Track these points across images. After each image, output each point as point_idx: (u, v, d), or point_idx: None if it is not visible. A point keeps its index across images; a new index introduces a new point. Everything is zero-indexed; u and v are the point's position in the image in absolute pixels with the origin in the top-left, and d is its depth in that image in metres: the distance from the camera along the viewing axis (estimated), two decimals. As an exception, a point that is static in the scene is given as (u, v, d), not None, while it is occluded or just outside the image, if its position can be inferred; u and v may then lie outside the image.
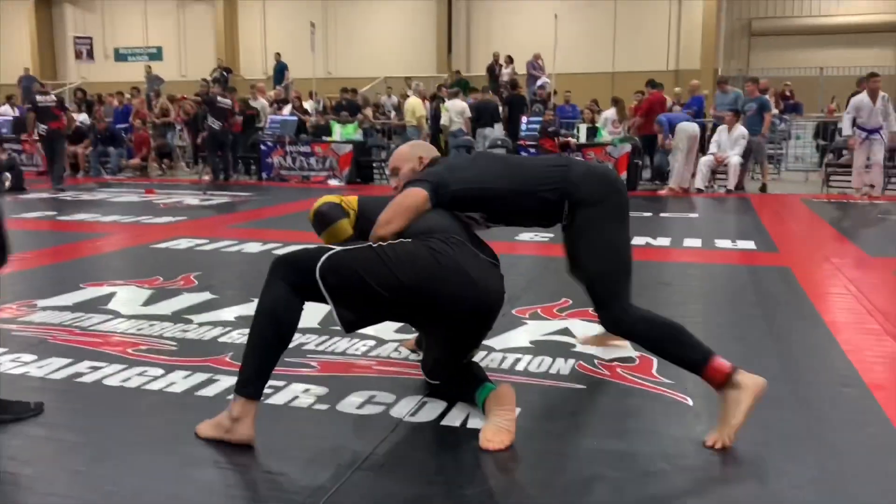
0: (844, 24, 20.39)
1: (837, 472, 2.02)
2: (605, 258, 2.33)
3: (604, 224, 2.34)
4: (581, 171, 2.40)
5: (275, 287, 2.13)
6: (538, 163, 2.59)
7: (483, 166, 2.48)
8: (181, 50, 24.01)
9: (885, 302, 3.94)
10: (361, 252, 2.17)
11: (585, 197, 2.34)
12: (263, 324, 2.13)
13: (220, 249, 5.56)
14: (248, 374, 2.13)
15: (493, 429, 2.17)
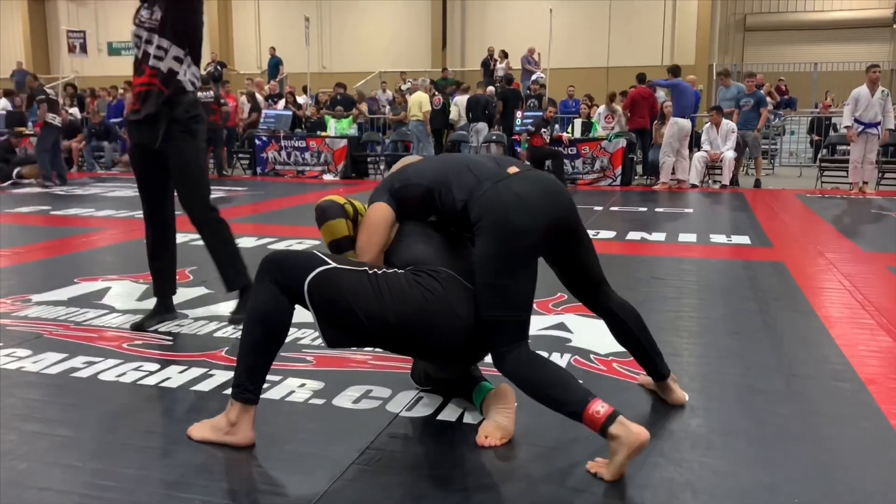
0: (839, 19, 20.43)
1: (831, 466, 2.03)
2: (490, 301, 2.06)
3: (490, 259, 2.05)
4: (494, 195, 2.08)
5: (264, 288, 2.07)
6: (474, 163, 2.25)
7: (424, 164, 2.36)
8: (183, 45, 23.86)
9: (879, 296, 3.96)
10: (354, 276, 2.05)
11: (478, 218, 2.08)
12: (254, 325, 2.07)
13: (215, 244, 5.54)
14: (242, 377, 2.09)
15: (493, 425, 2.16)
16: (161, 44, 3.06)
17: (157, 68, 3.07)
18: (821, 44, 20.03)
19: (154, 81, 3.08)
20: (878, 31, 20.25)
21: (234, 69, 21.98)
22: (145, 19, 3.10)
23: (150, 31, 3.07)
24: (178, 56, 3.10)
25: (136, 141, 3.22)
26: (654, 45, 20.68)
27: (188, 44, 3.11)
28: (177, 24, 3.06)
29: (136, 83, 3.15)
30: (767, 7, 21.22)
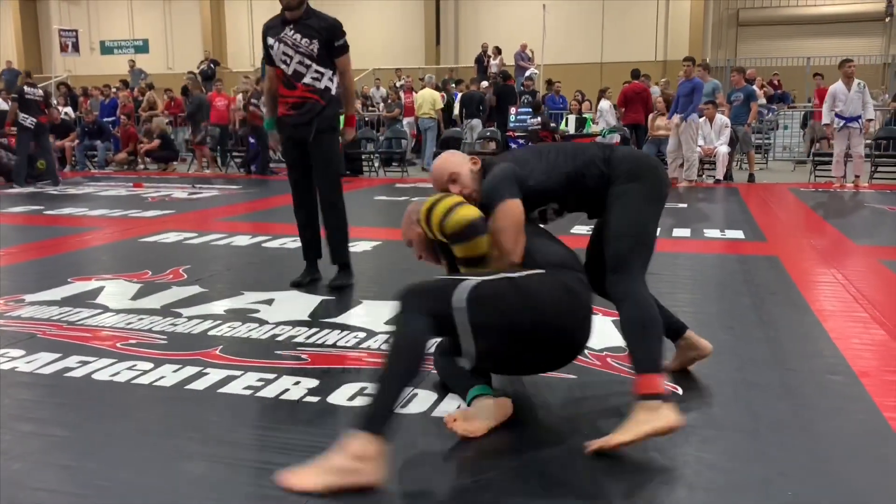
0: (831, 13, 20.46)
1: (825, 459, 2.04)
2: (632, 226, 2.31)
3: (640, 198, 2.34)
4: (622, 153, 2.44)
5: (413, 318, 1.98)
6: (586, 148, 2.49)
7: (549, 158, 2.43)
8: (168, 42, 23.85)
9: (872, 290, 3.97)
10: (502, 286, 2.08)
11: (624, 173, 2.35)
12: (402, 355, 1.96)
13: (210, 243, 5.54)
14: (379, 410, 1.92)
15: (472, 415, 2.16)
16: (318, 69, 3.87)
17: (314, 86, 3.88)
18: (814, 38, 20.05)
19: (310, 95, 3.88)
20: (871, 24, 20.29)
21: (227, 67, 21.93)
22: (299, 44, 3.83)
23: (306, 57, 3.85)
24: (330, 76, 3.93)
25: (290, 135, 3.98)
26: (647, 41, 20.68)
27: (333, 66, 3.93)
28: (330, 56, 3.90)
29: (289, 94, 3.92)
30: (760, 2, 21.23)
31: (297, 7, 3.82)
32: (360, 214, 7.61)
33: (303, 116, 3.90)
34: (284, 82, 3.91)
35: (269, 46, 3.90)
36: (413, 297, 2.02)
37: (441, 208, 2.25)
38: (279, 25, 3.89)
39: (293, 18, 3.85)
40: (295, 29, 3.83)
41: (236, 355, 2.89)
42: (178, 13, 23.82)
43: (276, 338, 3.12)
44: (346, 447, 1.88)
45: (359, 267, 4.72)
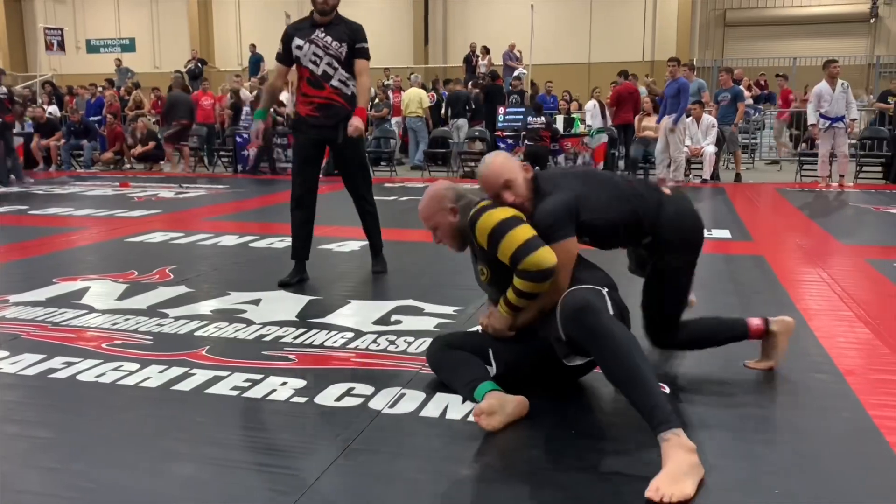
0: (817, 14, 20.59)
1: (811, 457, 2.05)
2: (680, 302, 2.64)
3: (685, 272, 2.62)
4: (673, 212, 2.55)
5: (611, 320, 2.13)
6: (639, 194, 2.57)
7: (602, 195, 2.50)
8: (155, 41, 23.72)
9: (857, 289, 4.00)
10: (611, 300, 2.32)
11: (672, 241, 2.54)
12: (635, 351, 2.05)
13: (196, 243, 5.51)
14: (662, 403, 1.97)
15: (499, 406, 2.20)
16: (346, 74, 4.07)
17: (341, 90, 4.07)
18: (800, 39, 20.18)
19: (337, 98, 4.06)
20: (856, 25, 20.44)
21: (215, 67, 21.82)
22: (330, 46, 4.02)
23: (335, 59, 4.03)
24: (353, 83, 4.11)
25: (313, 135, 4.13)
26: (635, 41, 20.76)
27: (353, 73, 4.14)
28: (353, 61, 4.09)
29: (315, 94, 4.06)
30: (747, 2, 21.35)
31: (330, 12, 4.05)
32: (348, 214, 7.59)
33: (329, 119, 4.07)
34: (311, 82, 4.07)
35: (296, 47, 4.06)
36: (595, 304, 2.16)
37: (517, 238, 2.28)
38: (308, 28, 4.09)
39: (324, 22, 4.07)
40: (326, 31, 4.04)
41: (223, 356, 2.87)
42: (165, 12, 23.69)
43: (263, 338, 3.11)
44: (683, 444, 1.90)
45: (346, 266, 4.72)
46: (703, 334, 2.71)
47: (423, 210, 2.55)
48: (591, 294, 2.23)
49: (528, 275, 2.28)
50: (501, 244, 2.29)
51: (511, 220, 2.33)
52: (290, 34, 4.12)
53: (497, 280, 2.44)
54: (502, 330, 2.45)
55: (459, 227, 2.49)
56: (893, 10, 20.23)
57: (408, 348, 2.97)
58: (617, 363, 2.04)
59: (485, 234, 2.33)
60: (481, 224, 2.33)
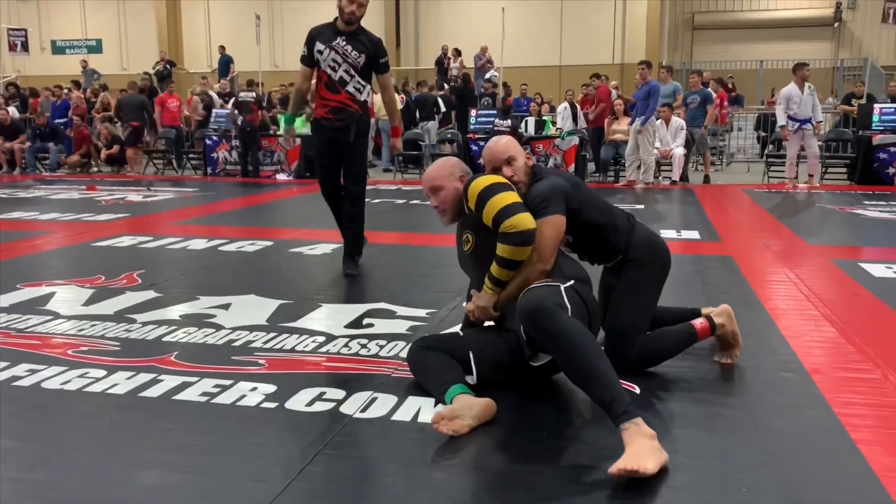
0: (783, 18, 20.96)
1: (779, 455, 2.08)
2: (640, 318, 2.69)
3: (648, 285, 2.73)
4: (643, 234, 2.77)
5: (565, 318, 2.17)
6: (616, 211, 2.81)
7: (589, 193, 2.72)
8: (122, 42, 23.42)
9: (824, 288, 4.06)
10: (571, 294, 2.35)
11: (640, 256, 2.71)
12: (589, 343, 2.11)
13: (165, 247, 5.44)
14: (620, 397, 2.02)
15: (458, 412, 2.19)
16: (361, 80, 4.33)
17: (355, 97, 4.34)
18: (766, 42, 20.52)
19: (351, 104, 4.34)
20: (821, 29, 20.84)
21: (184, 68, 21.59)
22: (349, 55, 4.27)
23: (352, 67, 4.29)
24: (369, 91, 4.42)
25: (329, 136, 4.40)
26: (605, 44, 20.92)
27: (369, 80, 4.41)
28: (370, 71, 4.37)
29: (331, 98, 4.34)
30: (715, 6, 21.65)
31: (355, 23, 4.30)
32: (319, 216, 7.55)
33: (342, 122, 4.35)
34: (328, 86, 4.34)
35: (317, 51, 4.30)
36: (552, 306, 2.18)
37: (502, 200, 2.39)
38: (330, 34, 4.33)
39: (346, 31, 4.31)
40: (347, 41, 4.29)
41: (192, 361, 2.84)
42: (132, 12, 23.39)
43: (233, 343, 3.07)
44: (643, 432, 1.96)
45: (317, 270, 4.70)
46: (659, 351, 2.71)
47: (434, 171, 2.66)
48: (546, 293, 2.26)
49: (507, 237, 2.36)
50: (486, 206, 2.40)
51: (500, 185, 2.46)
52: (314, 37, 4.36)
53: (480, 249, 2.52)
54: (486, 308, 2.51)
55: (461, 196, 2.56)
56: (857, 14, 20.66)
57: (380, 352, 2.95)
58: (574, 362, 2.10)
59: (474, 195, 2.44)
60: (472, 186, 2.46)
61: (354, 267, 4.52)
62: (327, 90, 4.35)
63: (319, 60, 4.31)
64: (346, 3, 4.22)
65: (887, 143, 10.18)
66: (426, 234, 6.15)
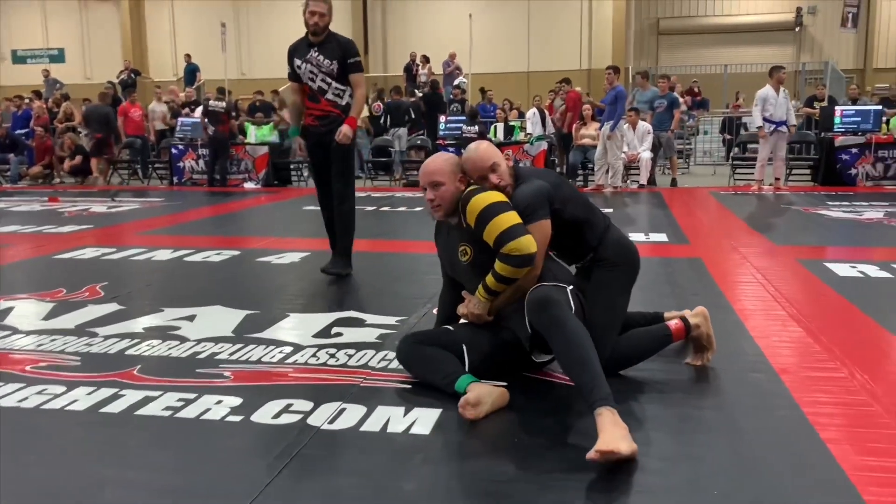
0: (746, 23, 21.29)
1: (749, 456, 2.07)
2: (612, 318, 2.67)
3: (619, 288, 2.73)
4: (615, 236, 2.80)
5: (571, 316, 2.29)
6: (596, 209, 2.84)
7: (569, 190, 2.77)
8: (85, 51, 23.06)
9: (791, 288, 4.10)
10: (575, 298, 2.46)
11: (612, 256, 2.72)
12: (584, 340, 2.22)
13: (129, 258, 5.34)
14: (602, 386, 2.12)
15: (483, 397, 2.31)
16: (339, 86, 4.47)
17: (336, 102, 4.49)
18: (730, 46, 20.81)
19: (333, 110, 4.49)
20: (783, 34, 21.21)
21: (149, 77, 21.32)
22: (322, 64, 4.42)
23: (327, 75, 4.44)
24: (349, 94, 4.51)
25: (316, 140, 4.57)
26: (572, 50, 21.08)
27: (348, 83, 4.51)
28: (345, 73, 4.47)
29: (314, 107, 4.53)
30: (679, 11, 21.92)
31: (322, 32, 4.45)
32: (288, 224, 7.48)
33: (327, 127, 4.50)
34: (310, 97, 4.53)
35: (296, 66, 4.49)
36: (558, 303, 2.30)
37: (504, 222, 2.44)
38: (304, 48, 4.49)
39: (317, 42, 4.46)
40: (319, 51, 4.44)
41: (155, 375, 2.77)
42: (95, 21, 23.06)
43: (198, 355, 3.00)
44: (614, 420, 2.02)
45: (285, 279, 4.63)
46: (632, 352, 2.72)
47: (438, 165, 2.63)
48: (555, 290, 2.37)
49: (509, 259, 2.42)
50: (488, 226, 2.45)
51: (500, 204, 2.49)
52: (292, 53, 4.55)
53: (477, 261, 2.56)
54: (481, 315, 2.57)
55: (458, 196, 2.58)
56: (816, 19, 21.05)
57: (349, 361, 2.91)
58: (569, 348, 2.21)
59: (474, 214, 2.48)
60: (472, 204, 2.49)
61: (337, 265, 4.57)
62: (310, 100, 4.54)
63: (300, 74, 4.48)
64: (308, 15, 4.40)
65: (849, 145, 10.37)
66: (396, 241, 6.10)
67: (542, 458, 2.09)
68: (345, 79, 4.48)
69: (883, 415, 2.34)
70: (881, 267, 4.60)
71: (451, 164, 2.64)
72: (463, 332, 2.64)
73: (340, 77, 4.47)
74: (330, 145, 4.51)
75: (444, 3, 20.87)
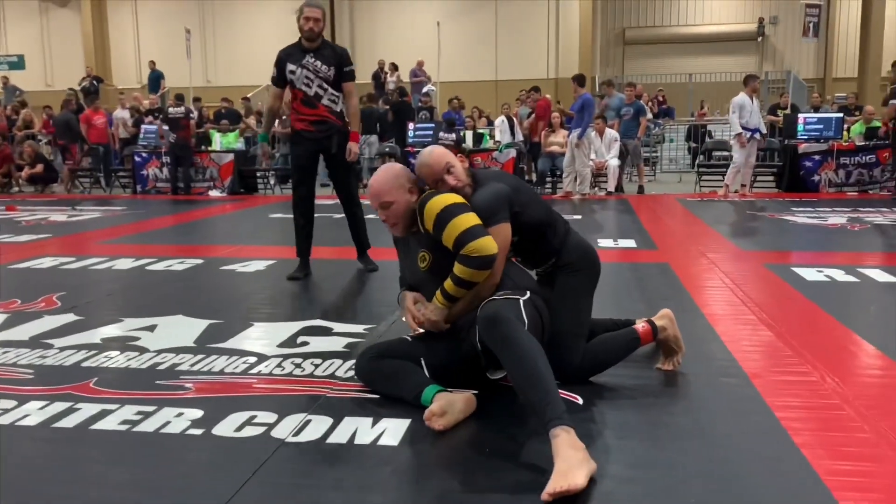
0: (709, 33, 21.64)
1: (723, 462, 2.04)
2: (579, 324, 2.65)
3: (583, 292, 2.70)
4: (576, 240, 2.75)
5: (521, 330, 2.18)
6: (555, 214, 2.79)
7: (529, 193, 2.72)
8: (46, 58, 22.63)
9: (758, 293, 4.11)
10: (529, 307, 2.36)
11: (574, 260, 2.69)
12: (537, 357, 2.11)
13: (89, 267, 5.19)
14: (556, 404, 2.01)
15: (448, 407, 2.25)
16: (334, 92, 4.53)
17: (332, 108, 4.54)
18: (694, 56, 21.14)
19: (329, 115, 4.54)
20: (746, 43, 21.59)
21: (112, 84, 21.00)
22: (319, 70, 4.47)
23: (325, 81, 4.49)
24: (342, 100, 4.58)
25: (310, 148, 4.62)
26: (539, 59, 21.22)
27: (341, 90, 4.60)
28: (340, 82, 4.56)
29: (310, 113, 4.53)
30: (644, 21, 22.19)
31: (316, 38, 4.51)
32: (254, 233, 7.36)
33: (322, 132, 4.55)
34: (305, 102, 4.53)
35: (289, 71, 4.50)
36: (509, 318, 2.19)
37: (463, 223, 2.38)
38: (299, 53, 4.53)
39: (312, 48, 4.51)
40: (315, 56, 4.49)
41: (112, 387, 2.66)
42: (56, 26, 22.66)
43: (158, 367, 2.90)
44: (571, 441, 1.92)
45: (250, 287, 4.54)
46: (603, 357, 2.68)
47: (382, 184, 2.53)
48: (505, 305, 2.27)
49: (470, 261, 2.36)
50: (447, 228, 2.39)
51: (457, 206, 2.43)
52: (283, 59, 4.55)
53: (437, 267, 2.48)
54: (437, 322, 2.49)
55: (413, 208, 2.52)
56: (778, 29, 21.46)
57: (315, 371, 2.83)
58: (520, 368, 2.10)
59: (432, 217, 2.41)
60: (429, 207, 2.42)
61: (370, 262, 4.85)
62: (304, 106, 4.53)
63: (293, 80, 4.50)
64: (302, 21, 4.46)
65: (812, 152, 10.53)
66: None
67: (510, 468, 2.04)
68: (339, 86, 4.54)
69: (855, 418, 2.33)
70: (847, 271, 4.64)
71: (397, 178, 2.54)
72: (420, 344, 2.55)
73: (336, 84, 4.52)
74: (328, 151, 4.57)
75: (412, 12, 20.88)
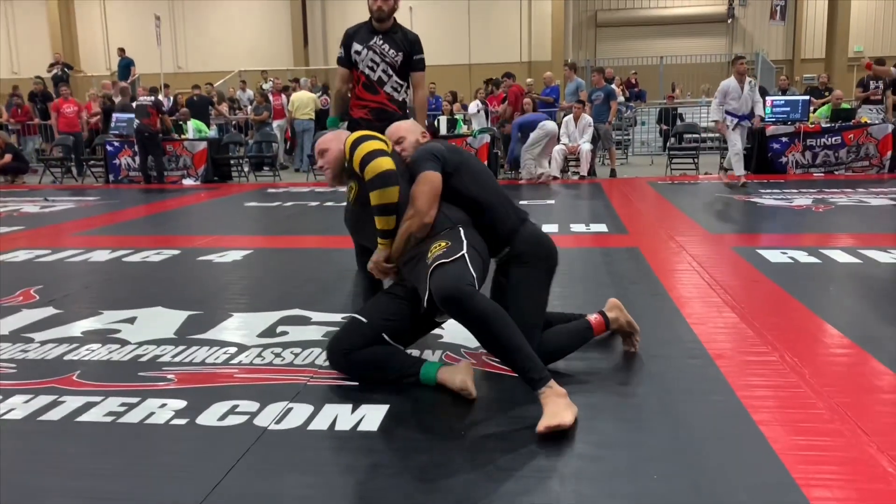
0: (679, 15, 21.80)
1: (687, 440, 2.15)
2: (539, 315, 2.72)
3: (538, 284, 2.74)
4: (531, 230, 2.79)
5: (480, 297, 2.34)
6: (507, 198, 2.84)
7: (481, 172, 2.80)
8: (11, 44, 22.22)
9: (725, 276, 4.24)
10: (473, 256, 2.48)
11: (528, 251, 2.72)
12: (506, 321, 2.33)
13: (65, 260, 5.19)
14: (534, 366, 2.29)
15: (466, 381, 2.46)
16: (398, 80, 4.27)
17: (393, 97, 4.27)
18: (665, 38, 21.29)
19: (389, 104, 4.26)
20: (716, 25, 21.78)
21: (81, 71, 20.68)
22: (386, 54, 4.21)
23: (390, 67, 4.23)
24: (406, 89, 4.35)
25: None
26: (512, 43, 21.25)
27: (407, 79, 4.36)
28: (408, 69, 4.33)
29: (370, 99, 4.26)
30: (615, 4, 22.29)
31: (387, 19, 4.23)
32: (229, 222, 7.37)
33: (382, 123, 4.20)
34: (367, 86, 4.26)
35: (355, 52, 4.24)
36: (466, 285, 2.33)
37: (367, 147, 2.59)
38: (367, 33, 4.26)
39: (382, 29, 4.25)
40: (384, 39, 4.24)
41: (95, 380, 2.72)
42: (21, 13, 22.23)
43: (140, 358, 2.96)
44: (555, 391, 2.25)
45: (228, 277, 4.58)
46: (556, 346, 2.74)
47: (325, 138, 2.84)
48: (455, 273, 2.37)
49: (371, 183, 2.56)
50: (354, 154, 2.62)
51: (367, 137, 2.67)
52: (350, 37, 4.30)
53: (361, 198, 2.69)
54: (380, 262, 2.69)
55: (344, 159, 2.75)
56: (748, 11, 21.68)
57: (295, 360, 2.90)
58: (491, 340, 2.34)
59: (348, 150, 2.66)
60: (349, 140, 2.69)
61: None
62: (366, 90, 4.28)
63: (357, 61, 4.24)
64: (372, 0, 4.20)
65: (779, 134, 10.72)
66: (340, 236, 6.07)
67: (487, 449, 2.13)
68: (404, 74, 4.31)
69: (811, 395, 2.46)
70: (809, 252, 4.79)
71: (336, 134, 2.84)
72: (375, 320, 2.60)
73: (401, 71, 4.28)
74: None
75: (384, -4, 20.73)
